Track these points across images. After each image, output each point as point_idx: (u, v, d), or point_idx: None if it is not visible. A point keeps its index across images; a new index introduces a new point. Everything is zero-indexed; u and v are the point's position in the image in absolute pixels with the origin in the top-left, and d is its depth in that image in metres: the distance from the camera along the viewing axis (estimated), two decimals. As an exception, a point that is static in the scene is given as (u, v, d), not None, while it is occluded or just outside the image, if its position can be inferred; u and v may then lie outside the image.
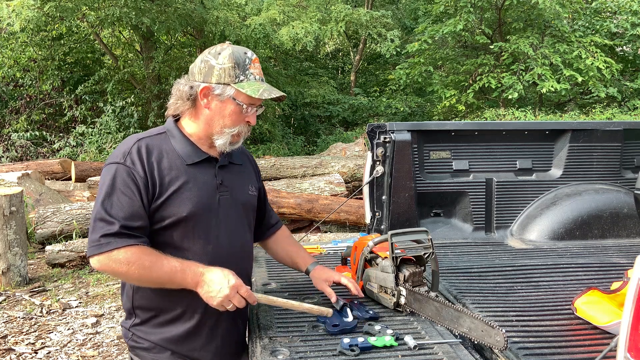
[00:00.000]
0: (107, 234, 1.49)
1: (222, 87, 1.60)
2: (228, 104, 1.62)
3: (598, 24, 11.79)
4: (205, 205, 1.63)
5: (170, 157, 1.62)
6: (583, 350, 1.56)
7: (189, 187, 1.60)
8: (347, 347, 1.49)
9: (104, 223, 1.50)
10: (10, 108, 11.38)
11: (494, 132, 2.95)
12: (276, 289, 2.05)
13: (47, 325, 4.21)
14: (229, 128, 1.64)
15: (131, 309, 1.68)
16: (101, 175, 1.59)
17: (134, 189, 1.54)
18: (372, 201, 2.83)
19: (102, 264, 1.50)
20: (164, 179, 1.58)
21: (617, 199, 2.90)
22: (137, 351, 1.68)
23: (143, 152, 1.58)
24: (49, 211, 5.88)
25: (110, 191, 1.53)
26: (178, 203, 1.58)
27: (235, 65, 1.60)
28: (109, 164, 1.58)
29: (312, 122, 14.07)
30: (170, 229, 1.60)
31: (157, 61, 10.46)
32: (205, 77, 1.61)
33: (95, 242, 1.50)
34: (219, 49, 1.64)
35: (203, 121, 1.65)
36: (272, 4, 10.55)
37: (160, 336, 1.65)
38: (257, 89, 1.60)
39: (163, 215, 1.58)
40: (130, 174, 1.54)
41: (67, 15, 8.93)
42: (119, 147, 1.62)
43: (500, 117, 10.85)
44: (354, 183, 7.33)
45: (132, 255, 1.49)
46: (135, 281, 1.58)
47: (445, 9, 11.72)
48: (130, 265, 1.49)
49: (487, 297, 1.98)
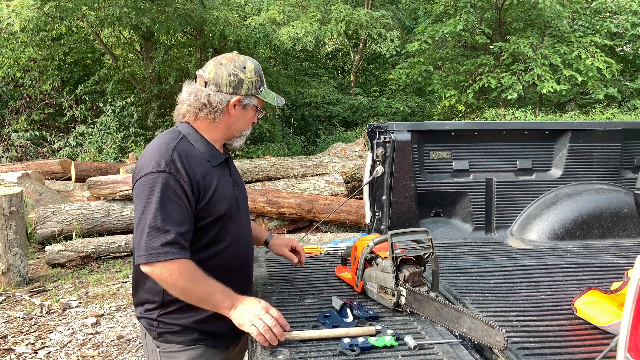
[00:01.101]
0: (167, 242, 1.58)
1: (249, 98, 1.79)
2: (249, 110, 1.82)
3: (598, 24, 11.79)
4: (232, 201, 1.81)
5: (199, 161, 1.74)
6: (583, 350, 1.56)
7: (220, 187, 1.76)
8: (347, 347, 1.50)
9: (160, 232, 1.58)
10: (10, 108, 11.38)
11: (494, 132, 2.95)
12: (276, 289, 2.05)
13: (47, 325, 4.21)
14: (245, 131, 1.86)
15: (160, 302, 1.76)
16: (142, 185, 1.64)
17: (183, 196, 1.64)
18: (372, 201, 2.83)
19: (158, 272, 1.59)
20: (204, 181, 1.71)
21: (617, 199, 2.90)
22: (166, 336, 1.78)
23: (183, 159, 1.68)
24: (49, 211, 5.88)
25: (161, 200, 1.61)
26: (216, 202, 1.73)
27: (259, 78, 1.81)
28: (152, 173, 1.64)
29: (312, 122, 14.08)
30: (210, 226, 1.74)
31: (157, 61, 10.46)
32: (235, 90, 1.76)
33: (154, 249, 1.58)
34: (242, 62, 1.79)
35: (224, 126, 1.80)
36: (272, 4, 10.55)
37: (191, 319, 1.76)
38: (273, 97, 1.84)
39: (205, 214, 1.72)
40: (177, 181, 1.64)
41: (67, 15, 8.93)
42: (153, 155, 1.68)
43: (500, 117, 10.85)
44: (354, 183, 7.33)
45: (184, 268, 1.60)
46: (177, 292, 1.64)
47: (445, 9, 11.72)
48: (181, 277, 1.59)
49: (487, 297, 1.98)
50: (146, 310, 1.80)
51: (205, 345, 1.80)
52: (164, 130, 8.43)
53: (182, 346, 1.78)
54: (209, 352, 1.82)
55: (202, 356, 1.80)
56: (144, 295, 1.80)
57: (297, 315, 1.76)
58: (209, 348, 1.82)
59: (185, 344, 1.78)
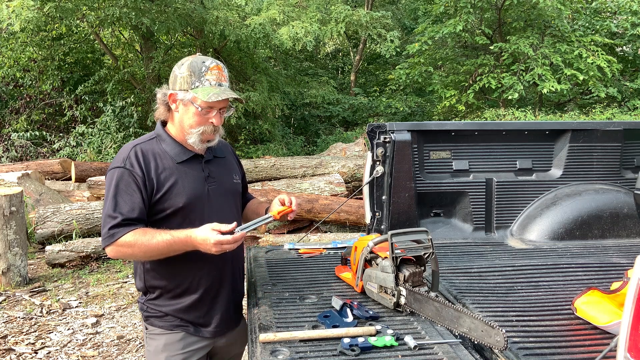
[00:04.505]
0: (112, 225, 1.78)
1: (183, 93, 1.88)
2: (189, 107, 1.88)
3: (598, 23, 11.79)
4: (197, 195, 1.91)
5: (163, 158, 1.91)
6: (583, 350, 1.56)
7: (181, 181, 1.89)
8: (347, 347, 1.50)
9: (110, 218, 1.79)
10: (10, 108, 11.38)
11: (494, 132, 2.94)
12: (276, 289, 2.05)
13: (47, 325, 4.21)
14: (194, 128, 1.90)
15: (144, 288, 1.99)
16: (106, 179, 1.89)
17: (134, 187, 1.82)
18: (372, 201, 2.83)
19: (113, 251, 1.81)
20: (159, 176, 1.87)
21: (617, 199, 2.90)
22: (151, 320, 1.99)
23: (139, 155, 1.87)
24: (49, 211, 5.88)
25: (115, 192, 1.82)
26: (174, 196, 1.87)
27: (192, 73, 1.87)
28: (112, 169, 1.87)
29: (312, 122, 14.08)
30: (170, 218, 1.89)
31: (157, 61, 10.45)
32: (172, 85, 1.92)
33: (105, 235, 1.80)
34: (184, 60, 1.93)
35: (177, 123, 1.95)
36: (272, 4, 10.54)
37: (171, 307, 1.96)
38: (207, 93, 1.84)
39: (163, 207, 1.87)
40: (130, 174, 1.83)
41: (67, 15, 8.92)
42: (118, 154, 1.90)
43: (500, 117, 10.84)
44: (354, 183, 7.33)
45: (132, 237, 1.77)
46: (143, 258, 1.87)
47: (445, 9, 11.71)
48: (134, 247, 1.77)
49: (487, 297, 1.98)
50: (140, 296, 2.04)
51: (185, 331, 1.97)
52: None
53: (163, 330, 1.97)
54: (189, 338, 1.98)
55: (181, 341, 1.97)
56: (137, 282, 2.03)
57: (297, 315, 1.76)
58: (190, 335, 1.98)
59: (166, 329, 1.97)
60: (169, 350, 1.96)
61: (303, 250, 2.61)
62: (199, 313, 1.98)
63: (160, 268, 1.93)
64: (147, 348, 2.04)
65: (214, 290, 1.99)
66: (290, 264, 2.39)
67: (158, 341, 1.97)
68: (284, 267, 2.34)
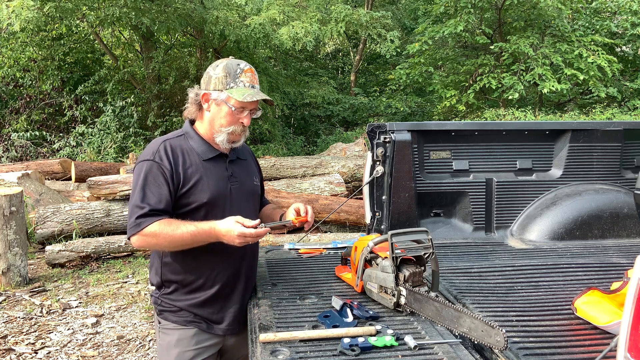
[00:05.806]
0: (139, 215, 1.83)
1: (217, 93, 1.94)
2: (222, 106, 1.94)
3: (598, 23, 11.79)
4: (220, 192, 1.97)
5: (190, 154, 1.97)
6: (583, 350, 1.56)
7: (206, 178, 1.95)
8: (348, 347, 1.50)
9: (138, 209, 1.84)
10: (10, 108, 11.38)
11: (494, 132, 2.94)
12: (276, 289, 2.05)
13: (47, 325, 4.21)
14: (225, 127, 1.96)
15: (160, 282, 2.02)
16: (134, 172, 1.94)
17: (162, 180, 1.88)
18: (372, 201, 2.83)
19: (139, 241, 1.85)
20: (186, 171, 1.93)
21: (617, 199, 2.90)
22: (165, 314, 2.03)
23: (169, 150, 1.93)
24: (49, 211, 5.88)
25: (143, 183, 1.88)
26: (199, 191, 1.93)
27: (227, 74, 1.94)
28: (141, 162, 1.93)
29: (312, 122, 14.08)
30: (193, 213, 1.93)
31: (157, 61, 10.45)
32: (206, 86, 1.97)
33: (131, 224, 1.84)
34: (219, 62, 1.99)
35: (207, 122, 2.00)
36: (272, 4, 10.54)
37: (185, 302, 2.00)
38: (242, 94, 1.91)
39: (188, 201, 1.93)
40: (159, 167, 1.89)
41: (67, 15, 8.92)
42: (147, 148, 1.97)
43: (500, 117, 10.84)
44: (354, 183, 7.33)
45: (157, 227, 1.81)
46: (167, 248, 1.91)
47: (445, 9, 11.71)
48: (159, 237, 1.81)
49: (487, 297, 1.98)
50: (154, 290, 2.06)
51: (198, 328, 2.00)
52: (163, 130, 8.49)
53: (176, 325, 2.00)
54: (202, 335, 2.01)
55: (193, 337, 2.00)
56: (152, 276, 2.06)
57: (297, 315, 1.76)
58: (202, 331, 2.01)
59: (179, 324, 2.00)
60: (181, 346, 1.99)
61: (303, 250, 2.61)
62: (213, 309, 2.01)
63: (180, 261, 1.97)
64: (160, 342, 2.07)
65: (229, 287, 2.03)
66: (290, 264, 2.39)
67: (171, 336, 2.01)
68: (284, 267, 2.34)
